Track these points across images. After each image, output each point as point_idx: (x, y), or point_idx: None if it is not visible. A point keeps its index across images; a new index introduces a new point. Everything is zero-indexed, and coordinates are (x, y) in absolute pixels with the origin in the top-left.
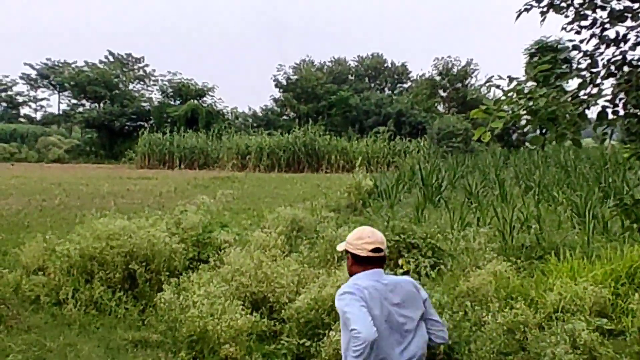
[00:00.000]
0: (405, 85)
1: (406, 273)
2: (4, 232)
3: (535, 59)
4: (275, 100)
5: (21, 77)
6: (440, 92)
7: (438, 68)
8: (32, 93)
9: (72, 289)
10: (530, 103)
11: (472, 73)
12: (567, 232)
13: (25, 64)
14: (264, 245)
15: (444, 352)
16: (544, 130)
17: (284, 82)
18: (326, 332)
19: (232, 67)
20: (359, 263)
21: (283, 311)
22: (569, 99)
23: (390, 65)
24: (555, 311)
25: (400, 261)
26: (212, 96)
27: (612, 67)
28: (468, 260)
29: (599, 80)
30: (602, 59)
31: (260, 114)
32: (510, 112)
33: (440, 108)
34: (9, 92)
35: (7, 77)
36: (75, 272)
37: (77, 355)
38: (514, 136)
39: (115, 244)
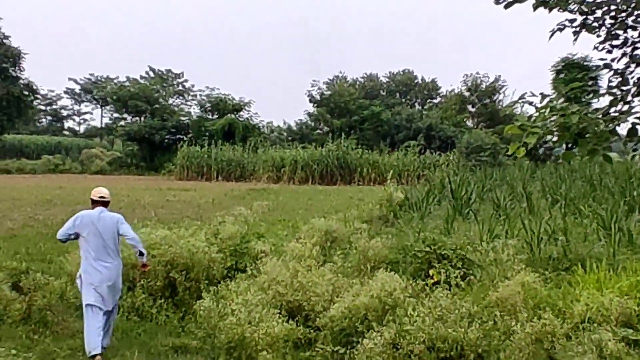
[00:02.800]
0: (435, 101)
1: (437, 283)
2: (49, 241)
3: (562, 75)
4: (310, 114)
5: (65, 92)
6: (469, 107)
7: (467, 84)
8: (75, 107)
9: None
10: (562, 119)
11: (500, 89)
12: (593, 245)
13: (69, 79)
14: (299, 256)
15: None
16: (570, 145)
17: (318, 97)
18: (359, 339)
19: (268, 82)
20: (93, 203)
21: (318, 319)
22: (600, 116)
23: (420, 81)
24: (582, 321)
25: (431, 271)
26: (248, 111)
27: None
28: (497, 271)
29: (629, 98)
30: (632, 77)
31: (294, 128)
32: (542, 127)
33: (469, 123)
34: (54, 106)
35: (52, 91)
36: None
37: (121, 359)
38: (541, 150)
39: (157, 253)
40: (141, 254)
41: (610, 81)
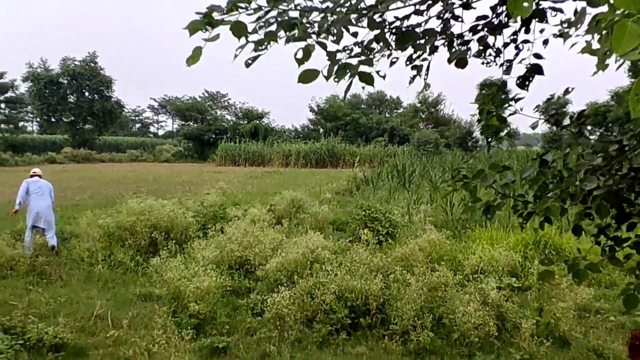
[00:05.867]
0: (399, 111)
1: (367, 241)
2: (91, 208)
3: (484, 91)
4: (310, 120)
5: (148, 107)
6: (420, 114)
7: (419, 98)
8: (155, 117)
9: (108, 253)
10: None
11: (441, 102)
12: None
13: (150, 98)
14: (255, 219)
15: (377, 307)
16: (489, 140)
17: (316, 108)
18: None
19: (282, 96)
20: (31, 177)
21: (258, 272)
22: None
23: (388, 98)
24: (475, 272)
25: (364, 231)
26: (268, 117)
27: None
28: (412, 230)
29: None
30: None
31: (299, 129)
32: None
33: (420, 125)
34: (141, 117)
35: (139, 107)
36: (112, 240)
37: (91, 305)
38: (470, 143)
39: (143, 218)
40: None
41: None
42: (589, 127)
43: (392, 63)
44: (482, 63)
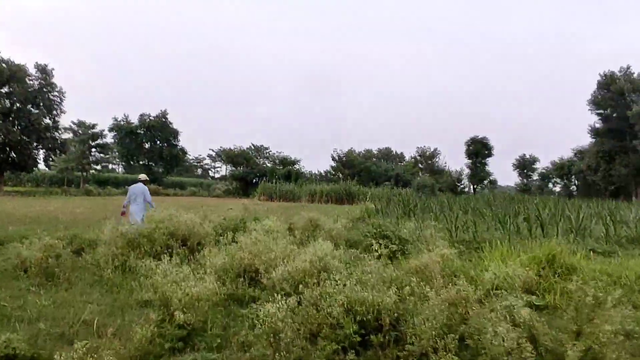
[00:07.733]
0: (402, 164)
1: (379, 255)
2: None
3: (471, 147)
4: (332, 167)
5: (208, 156)
6: (419, 165)
7: (418, 152)
8: (213, 164)
9: (125, 259)
10: None
11: (437, 155)
12: (493, 233)
13: (209, 149)
14: (270, 230)
15: (390, 323)
16: (475, 187)
17: (337, 158)
18: (292, 298)
19: (310, 148)
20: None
21: (264, 280)
22: None
23: (394, 152)
24: (492, 288)
25: (375, 246)
26: (299, 164)
27: None
28: (422, 246)
29: None
30: None
31: (323, 173)
32: None
33: (420, 173)
34: (202, 163)
35: (200, 155)
36: (131, 247)
37: (84, 310)
38: (459, 188)
39: (162, 226)
40: (151, 205)
41: None
42: (554, 179)
43: None
44: None
